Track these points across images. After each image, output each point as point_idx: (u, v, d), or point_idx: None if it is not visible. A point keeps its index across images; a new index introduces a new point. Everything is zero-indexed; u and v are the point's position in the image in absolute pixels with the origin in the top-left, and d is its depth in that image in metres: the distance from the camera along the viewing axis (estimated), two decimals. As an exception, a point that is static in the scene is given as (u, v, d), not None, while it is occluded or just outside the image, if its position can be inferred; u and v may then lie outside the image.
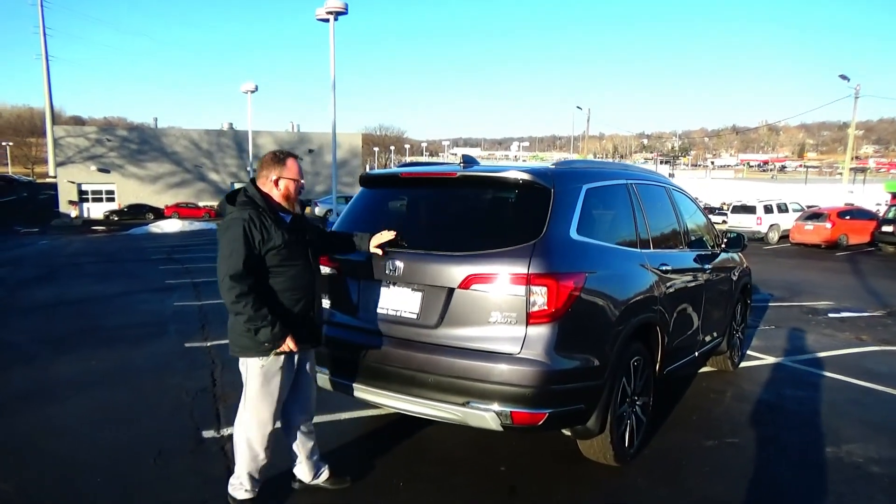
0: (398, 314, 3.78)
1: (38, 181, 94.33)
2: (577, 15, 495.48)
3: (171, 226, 38.20)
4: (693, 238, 5.42)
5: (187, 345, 7.23)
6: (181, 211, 49.04)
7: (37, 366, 6.40)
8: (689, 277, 5.01)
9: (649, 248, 4.46)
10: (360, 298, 3.98)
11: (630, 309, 3.95)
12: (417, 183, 4.27)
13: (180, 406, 5.13)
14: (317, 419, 4.78)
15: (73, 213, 50.21)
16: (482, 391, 3.45)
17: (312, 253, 3.49)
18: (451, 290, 3.59)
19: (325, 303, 4.21)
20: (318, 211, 38.56)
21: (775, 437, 4.67)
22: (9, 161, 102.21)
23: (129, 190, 53.65)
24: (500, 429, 3.47)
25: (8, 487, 3.74)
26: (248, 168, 45.66)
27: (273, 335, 3.20)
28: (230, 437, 4.45)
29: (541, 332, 3.43)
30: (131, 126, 79.01)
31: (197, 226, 39.21)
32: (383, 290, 3.86)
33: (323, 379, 4.12)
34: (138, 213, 50.03)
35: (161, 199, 52.85)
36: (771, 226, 26.56)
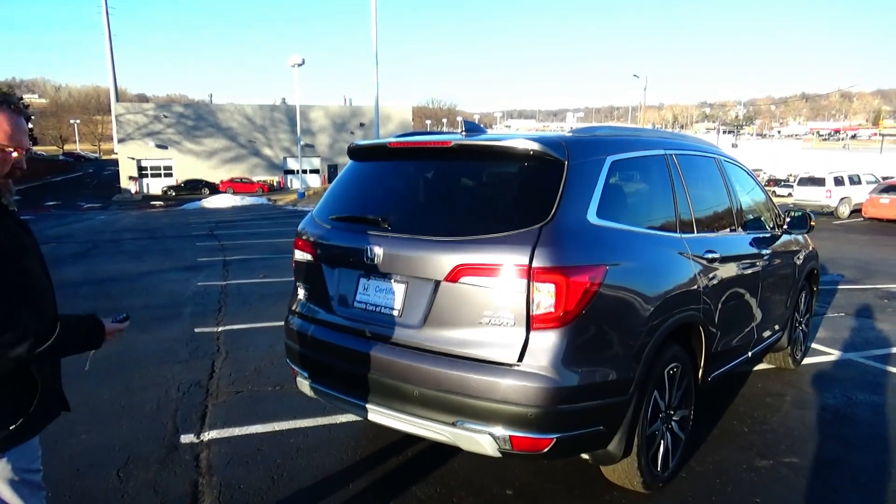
0: (377, 310, 3.19)
1: (104, 157, 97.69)
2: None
3: (223, 201, 38.62)
4: (749, 218, 4.62)
5: (197, 330, 6.83)
6: (235, 186, 49.69)
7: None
8: (743, 265, 4.24)
9: (691, 231, 3.72)
10: (338, 290, 3.39)
11: (664, 307, 3.24)
12: (408, 154, 3.62)
13: (167, 403, 4.69)
14: (306, 423, 4.31)
15: (133, 188, 51.46)
16: (475, 409, 2.83)
17: None
18: (437, 284, 2.97)
19: (301, 293, 3.66)
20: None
21: (844, 459, 3.89)
22: (77, 138, 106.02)
23: (186, 165, 54.61)
24: (498, 455, 2.86)
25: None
26: (299, 144, 45.70)
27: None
28: (210, 442, 4.02)
29: (546, 339, 2.78)
30: (190, 102, 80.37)
31: (248, 201, 39.56)
32: (362, 281, 3.27)
33: (303, 384, 3.58)
34: (194, 188, 50.89)
35: (216, 175, 53.63)
36: (842, 199, 24.73)
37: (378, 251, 3.14)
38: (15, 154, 1.88)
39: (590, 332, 2.87)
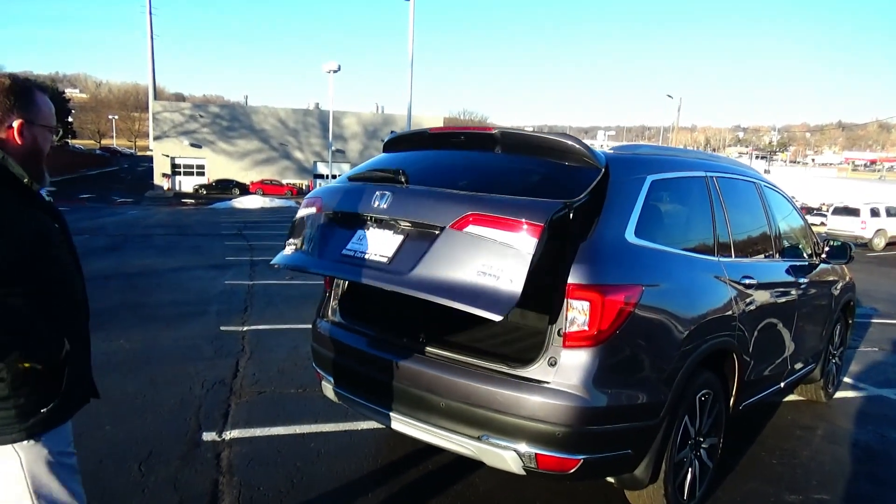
0: (364, 256, 2.98)
1: (139, 153, 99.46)
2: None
3: (252, 202, 39.02)
4: (787, 244, 4.52)
5: (223, 328, 6.88)
6: (265, 188, 50.19)
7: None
8: (780, 292, 4.15)
9: (729, 255, 3.65)
10: (332, 240, 3.21)
11: (699, 332, 3.17)
12: (447, 143, 3.53)
13: (190, 400, 4.71)
14: (327, 427, 4.30)
15: (166, 185, 52.25)
16: (502, 425, 2.79)
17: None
18: (440, 231, 2.77)
19: (330, 303, 3.65)
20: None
21: (876, 498, 3.78)
22: (114, 133, 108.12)
23: (218, 165, 55.30)
24: (522, 472, 2.81)
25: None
26: (330, 149, 46.10)
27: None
28: (231, 441, 4.02)
29: (578, 357, 2.73)
30: (225, 103, 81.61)
31: (277, 203, 39.93)
32: (358, 232, 3.09)
33: (328, 389, 3.57)
34: (225, 187, 51.46)
35: (247, 176, 54.22)
36: (877, 231, 24.20)
37: (384, 202, 2.99)
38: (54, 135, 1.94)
39: (623, 352, 2.82)
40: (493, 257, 2.58)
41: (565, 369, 2.73)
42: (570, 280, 2.72)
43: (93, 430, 4.13)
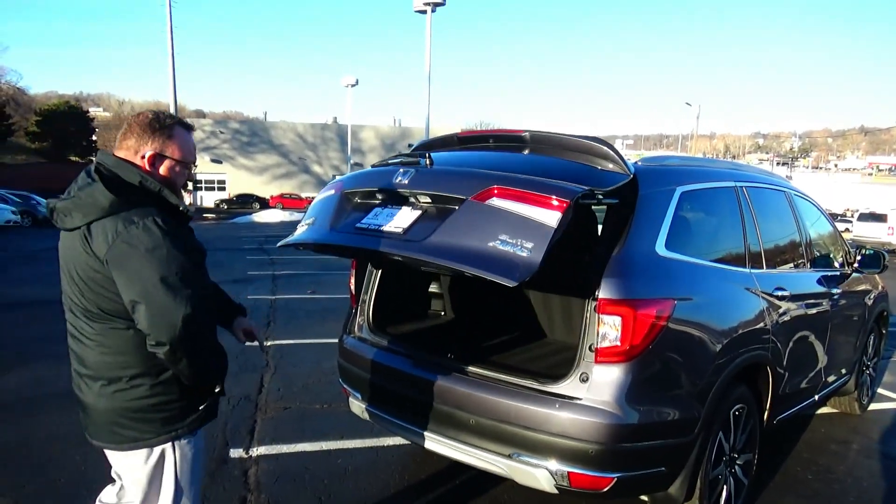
0: (379, 228, 2.86)
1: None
2: (687, 3, 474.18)
3: (272, 216, 39.35)
4: (818, 254, 4.44)
5: (247, 343, 6.86)
6: (284, 202, 50.63)
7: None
8: (813, 303, 4.06)
9: (760, 266, 3.59)
10: (350, 217, 3.10)
11: (732, 345, 3.11)
12: (476, 146, 3.52)
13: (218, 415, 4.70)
14: (353, 444, 4.28)
15: (187, 200, 52.65)
16: (533, 442, 2.75)
17: None
18: (459, 203, 2.67)
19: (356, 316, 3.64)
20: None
21: (919, 515, 3.67)
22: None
23: (238, 180, 55.99)
24: (555, 491, 2.76)
25: (7, 502, 3.41)
26: (349, 162, 46.42)
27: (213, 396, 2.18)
28: (259, 458, 4.01)
29: (611, 374, 2.68)
30: (245, 119, 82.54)
31: (297, 216, 40.09)
32: (376, 209, 3.02)
33: (355, 406, 3.55)
34: (246, 202, 52.02)
35: (267, 190, 54.80)
36: (905, 237, 23.85)
37: (406, 178, 2.91)
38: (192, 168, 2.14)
39: (656, 368, 2.76)
40: (514, 229, 2.45)
41: (598, 385, 2.68)
42: (602, 295, 2.68)
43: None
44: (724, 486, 3.27)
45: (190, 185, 53.79)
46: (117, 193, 1.86)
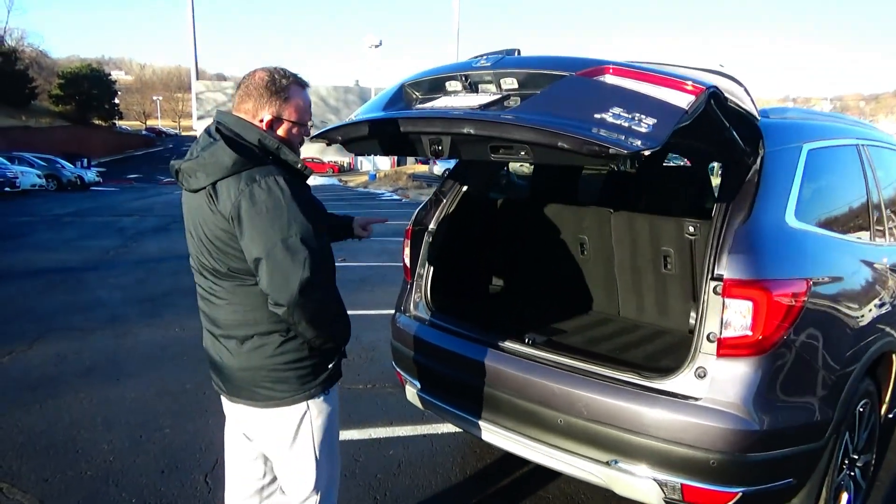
0: (448, 107, 2.46)
1: (183, 133, 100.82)
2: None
3: (295, 180, 39.03)
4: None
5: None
6: (306, 165, 50.15)
7: (117, 331, 5.85)
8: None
9: (884, 238, 3.08)
10: None
11: (866, 333, 2.64)
12: None
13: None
14: (404, 431, 3.89)
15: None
16: (636, 448, 2.31)
17: None
18: (560, 78, 2.26)
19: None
20: (437, 170, 37.92)
21: None
22: (159, 114, 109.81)
23: (260, 144, 55.56)
24: (663, 504, 2.33)
25: (30, 499, 3.07)
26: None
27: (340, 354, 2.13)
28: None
29: (738, 370, 2.22)
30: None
31: (320, 181, 39.83)
32: (457, 94, 2.63)
33: (412, 394, 3.14)
34: (267, 166, 51.60)
35: (289, 154, 54.35)
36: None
37: (489, 62, 2.50)
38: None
39: (788, 362, 2.29)
40: (632, 104, 1.98)
41: (720, 383, 2.22)
42: (727, 274, 2.20)
43: (151, 431, 3.81)
44: (845, 493, 2.82)
45: (306, 141, 53.45)
46: (239, 152, 1.83)
